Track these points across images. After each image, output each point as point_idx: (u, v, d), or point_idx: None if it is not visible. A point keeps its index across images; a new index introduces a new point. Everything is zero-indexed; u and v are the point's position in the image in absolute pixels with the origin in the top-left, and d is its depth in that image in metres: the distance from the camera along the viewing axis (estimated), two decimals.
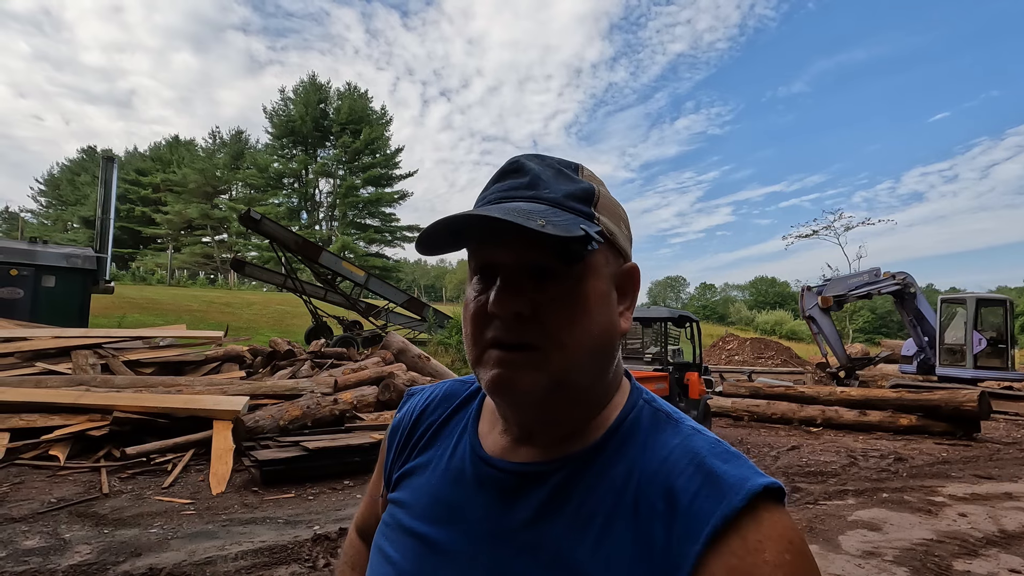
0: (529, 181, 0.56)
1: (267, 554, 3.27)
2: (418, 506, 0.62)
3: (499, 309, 0.52)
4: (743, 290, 75.24)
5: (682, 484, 0.51)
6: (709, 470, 0.51)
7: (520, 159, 0.58)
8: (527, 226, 0.47)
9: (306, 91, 46.27)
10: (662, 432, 0.57)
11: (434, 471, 0.64)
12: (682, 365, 7.77)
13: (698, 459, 0.52)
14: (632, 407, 0.60)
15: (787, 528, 0.48)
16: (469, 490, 0.60)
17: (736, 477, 0.50)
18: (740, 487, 0.49)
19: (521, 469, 0.58)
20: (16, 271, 9.21)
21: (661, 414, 0.60)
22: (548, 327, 0.52)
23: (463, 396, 0.71)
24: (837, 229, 31.63)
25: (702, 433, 0.56)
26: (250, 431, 5.30)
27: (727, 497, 0.48)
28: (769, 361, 20.36)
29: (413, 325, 15.85)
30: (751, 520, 0.47)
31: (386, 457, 0.73)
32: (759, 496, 0.48)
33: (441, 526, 0.59)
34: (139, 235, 48.60)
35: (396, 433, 0.73)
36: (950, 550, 3.68)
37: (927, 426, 8.27)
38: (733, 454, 0.53)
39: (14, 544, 3.25)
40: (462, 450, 0.64)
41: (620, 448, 0.56)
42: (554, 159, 0.60)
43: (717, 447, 0.54)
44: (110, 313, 14.92)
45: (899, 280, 13.11)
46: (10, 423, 5.07)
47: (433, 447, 0.67)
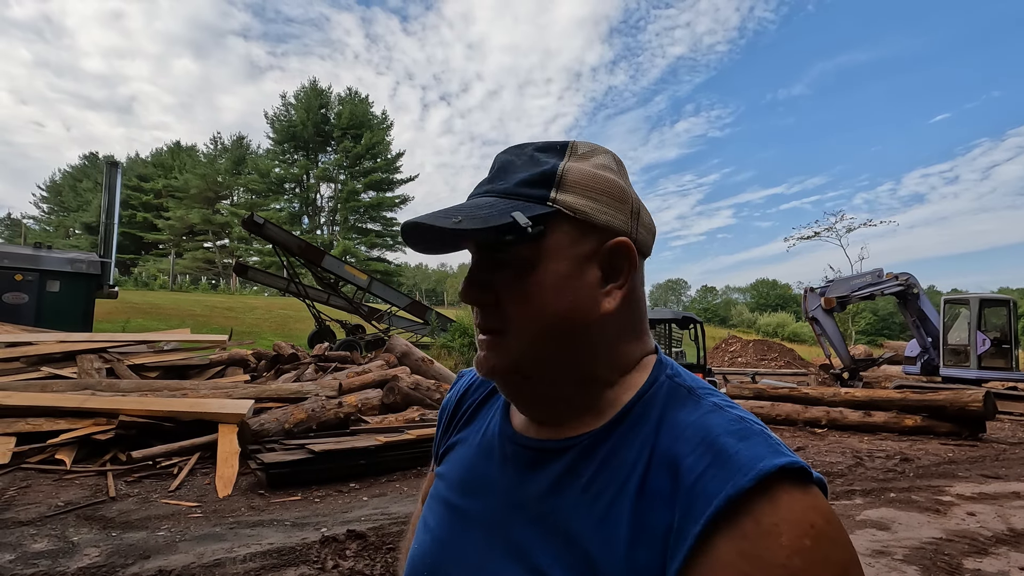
0: (492, 175, 0.60)
1: (275, 556, 3.27)
2: (455, 478, 0.66)
3: (461, 297, 0.59)
4: (745, 292, 75.18)
5: (689, 463, 0.48)
6: (720, 448, 0.48)
7: (499, 154, 0.61)
8: (441, 226, 0.52)
9: (307, 96, 46.46)
10: (680, 409, 0.55)
11: (470, 446, 0.69)
12: (686, 367, 7.76)
13: (710, 437, 0.49)
14: (652, 383, 0.59)
15: (810, 509, 0.44)
16: (496, 464, 0.63)
17: (747, 456, 0.46)
18: (751, 466, 0.45)
19: (540, 445, 0.60)
20: (21, 276, 9.24)
21: (682, 389, 0.57)
22: (506, 313, 0.56)
23: None
24: (839, 231, 31.60)
25: (723, 409, 0.53)
26: (255, 434, 5.30)
27: (734, 476, 0.45)
28: (772, 363, 20.33)
29: (416, 329, 15.85)
30: (766, 501, 0.44)
31: (436, 433, 0.78)
32: (774, 476, 0.44)
33: (470, 497, 0.63)
34: (141, 240, 48.74)
35: (445, 411, 0.78)
36: (960, 548, 3.67)
37: (932, 427, 8.24)
38: (753, 432, 0.49)
39: (23, 547, 3.26)
40: (493, 427, 0.67)
41: (635, 425, 0.56)
42: (537, 144, 0.60)
43: (736, 424, 0.50)
44: (114, 318, 14.95)
45: (902, 281, 13.10)
46: (16, 427, 5.08)
47: (472, 424, 0.72)
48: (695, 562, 0.44)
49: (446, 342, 14.74)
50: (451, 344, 14.51)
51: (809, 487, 0.46)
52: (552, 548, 0.52)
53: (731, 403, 0.55)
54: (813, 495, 0.45)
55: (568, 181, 0.56)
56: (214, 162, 51.41)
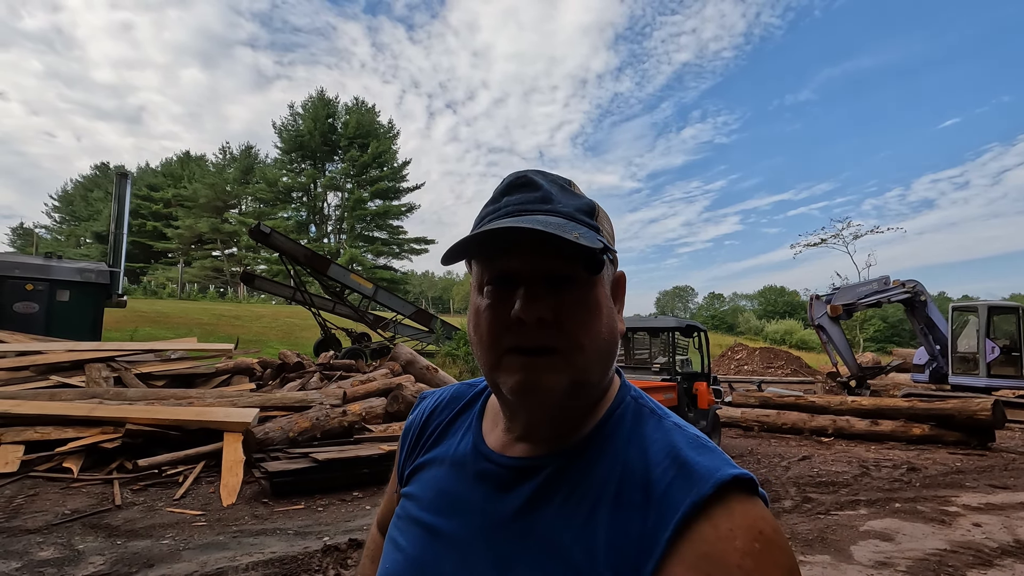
0: (542, 195, 0.60)
1: (277, 565, 3.29)
2: (425, 498, 0.67)
3: (527, 315, 0.55)
4: (752, 299, 74.81)
5: (658, 475, 0.54)
6: (683, 461, 0.54)
7: (527, 174, 0.63)
8: (566, 237, 0.52)
9: (314, 106, 46.94)
10: (645, 426, 0.61)
11: (440, 466, 0.69)
12: (690, 375, 7.73)
13: (674, 451, 0.56)
14: (620, 403, 0.64)
15: (758, 517, 0.50)
16: (469, 483, 0.64)
17: (706, 467, 0.53)
18: (710, 476, 0.51)
19: (516, 464, 0.62)
20: (32, 286, 9.37)
21: (645, 409, 0.63)
22: (567, 331, 0.56)
23: (469, 397, 0.77)
24: (846, 237, 31.54)
25: (682, 428, 0.60)
26: (260, 443, 5.34)
27: (697, 485, 0.51)
28: (779, 371, 20.18)
29: (421, 337, 15.88)
30: (722, 508, 0.50)
31: (399, 455, 0.79)
32: (729, 485, 0.51)
33: (444, 516, 0.63)
34: (150, 249, 49.23)
35: (409, 432, 0.78)
36: (964, 560, 3.63)
37: (940, 436, 8.15)
38: (709, 448, 0.56)
39: (29, 555, 3.30)
40: (465, 446, 0.68)
41: (607, 442, 0.60)
42: (552, 175, 0.65)
43: (694, 441, 0.57)
44: (122, 327, 15.10)
45: (909, 288, 13.00)
46: (25, 436, 5.14)
47: (441, 444, 0.72)
48: (665, 563, 0.49)
49: (451, 350, 14.76)
50: (456, 352, 14.53)
51: (756, 498, 0.52)
52: (536, 561, 0.55)
53: (687, 424, 0.61)
54: (759, 505, 0.52)
55: (600, 216, 0.63)
56: (222, 171, 51.97)
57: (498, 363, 0.58)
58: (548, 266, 0.57)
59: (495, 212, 0.60)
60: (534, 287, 0.57)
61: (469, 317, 0.64)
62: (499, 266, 0.58)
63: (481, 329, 0.59)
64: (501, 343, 0.57)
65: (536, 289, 0.56)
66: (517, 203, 0.60)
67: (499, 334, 0.57)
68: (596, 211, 0.63)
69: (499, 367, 0.58)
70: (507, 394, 0.58)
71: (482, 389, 0.76)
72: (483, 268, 0.60)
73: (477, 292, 0.62)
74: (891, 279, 13.31)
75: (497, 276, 0.58)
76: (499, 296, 0.58)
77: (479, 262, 0.61)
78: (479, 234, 0.55)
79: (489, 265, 0.59)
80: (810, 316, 13.95)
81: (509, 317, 0.56)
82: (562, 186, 0.63)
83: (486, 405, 0.73)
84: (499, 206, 0.61)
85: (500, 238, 0.55)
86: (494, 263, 0.59)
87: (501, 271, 0.58)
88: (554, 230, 0.53)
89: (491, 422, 0.70)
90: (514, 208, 0.59)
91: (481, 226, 0.59)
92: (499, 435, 0.66)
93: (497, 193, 0.63)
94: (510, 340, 0.57)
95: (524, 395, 0.57)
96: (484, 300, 0.60)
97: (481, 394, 0.76)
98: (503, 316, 0.57)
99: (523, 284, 0.57)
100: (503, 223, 0.56)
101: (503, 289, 0.58)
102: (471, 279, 0.65)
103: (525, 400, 0.58)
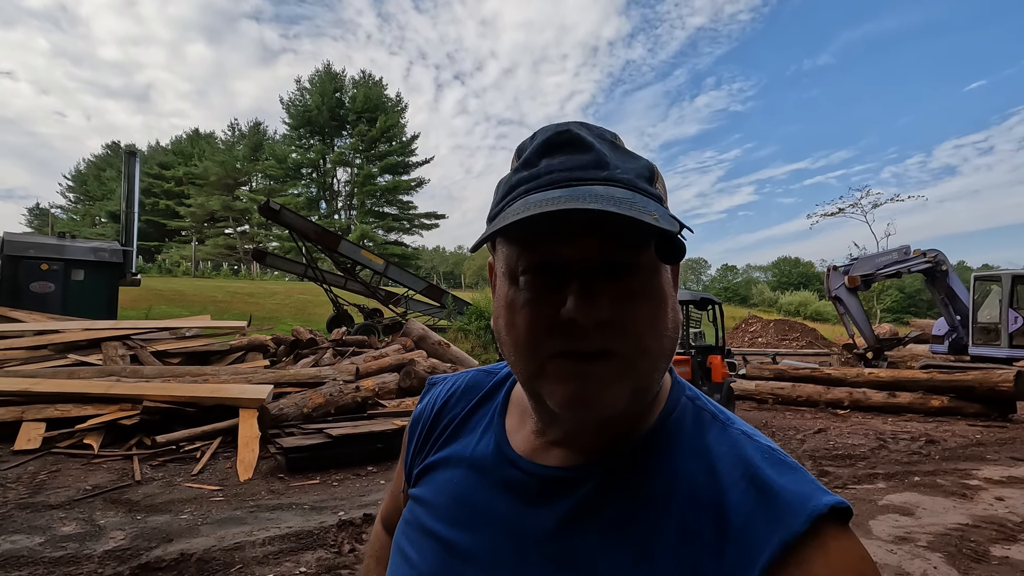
0: (595, 159, 0.47)
1: (293, 540, 3.32)
2: (439, 505, 0.58)
3: (585, 317, 0.44)
4: (766, 271, 74.06)
5: (734, 501, 0.45)
6: (763, 483, 0.45)
7: (571, 128, 0.49)
8: (645, 220, 0.40)
9: (321, 80, 46.46)
10: (707, 434, 0.51)
11: (456, 468, 0.60)
12: (704, 348, 7.66)
13: (750, 470, 0.46)
14: (675, 405, 0.54)
15: (858, 558, 0.42)
16: (492, 492, 0.55)
17: (796, 494, 0.44)
18: (801, 507, 0.43)
19: (549, 474, 0.52)
20: (47, 266, 9.48)
21: (706, 413, 0.54)
22: (630, 331, 0.46)
23: (488, 387, 0.66)
24: (864, 206, 30.78)
25: (752, 438, 0.50)
26: (275, 419, 5.39)
27: (786, 519, 0.42)
28: (794, 343, 20.03)
29: (433, 312, 15.91)
30: (816, 549, 0.41)
31: (406, 451, 0.69)
32: (824, 519, 0.42)
33: (462, 529, 0.54)
34: (164, 228, 49.68)
35: (417, 425, 0.68)
36: (987, 535, 3.57)
37: (959, 407, 8.04)
38: (788, 464, 0.47)
39: (52, 530, 3.36)
40: (485, 447, 0.59)
41: (662, 453, 0.50)
42: (597, 127, 0.51)
43: (770, 455, 0.48)
44: (138, 305, 15.31)
45: (930, 258, 12.70)
46: (45, 413, 5.23)
47: (456, 442, 0.63)
48: None
49: (463, 325, 14.77)
50: (468, 327, 14.54)
51: (851, 533, 0.44)
52: None
53: (755, 430, 0.52)
54: (856, 542, 0.44)
55: (659, 181, 0.51)
56: (232, 149, 51.92)
57: (541, 370, 0.47)
58: (608, 250, 0.45)
59: (533, 182, 0.47)
60: (591, 279, 0.45)
61: (497, 310, 0.51)
62: (544, 252, 0.46)
63: (518, 330, 0.48)
64: (545, 347, 0.46)
65: (593, 282, 0.45)
66: (563, 169, 0.47)
67: (543, 336, 0.46)
68: (656, 175, 0.50)
69: (543, 375, 0.47)
70: (555, 407, 0.47)
71: (504, 378, 0.66)
72: (519, 252, 0.47)
73: (508, 281, 0.49)
74: (912, 249, 13.02)
75: (541, 264, 0.46)
76: (543, 289, 0.47)
77: (514, 244, 0.48)
78: (530, 218, 0.42)
79: (529, 250, 0.47)
80: (827, 287, 13.73)
81: (557, 316, 0.45)
82: (612, 142, 0.50)
83: (509, 398, 0.63)
84: (537, 172, 0.48)
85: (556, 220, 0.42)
86: (536, 248, 0.46)
87: (546, 259, 0.46)
88: (627, 210, 0.41)
89: (516, 419, 0.59)
90: (560, 176, 0.46)
91: (516, 199, 0.47)
92: (527, 437, 0.57)
93: (532, 154, 0.49)
94: (558, 344, 0.46)
95: (577, 409, 0.46)
96: (521, 293, 0.48)
97: (502, 384, 0.65)
98: (549, 315, 0.46)
99: (576, 276, 0.45)
100: (559, 202, 0.42)
101: (548, 280, 0.46)
102: (497, 262, 0.52)
103: (577, 415, 0.47)
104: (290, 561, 3.06)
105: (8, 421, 5.07)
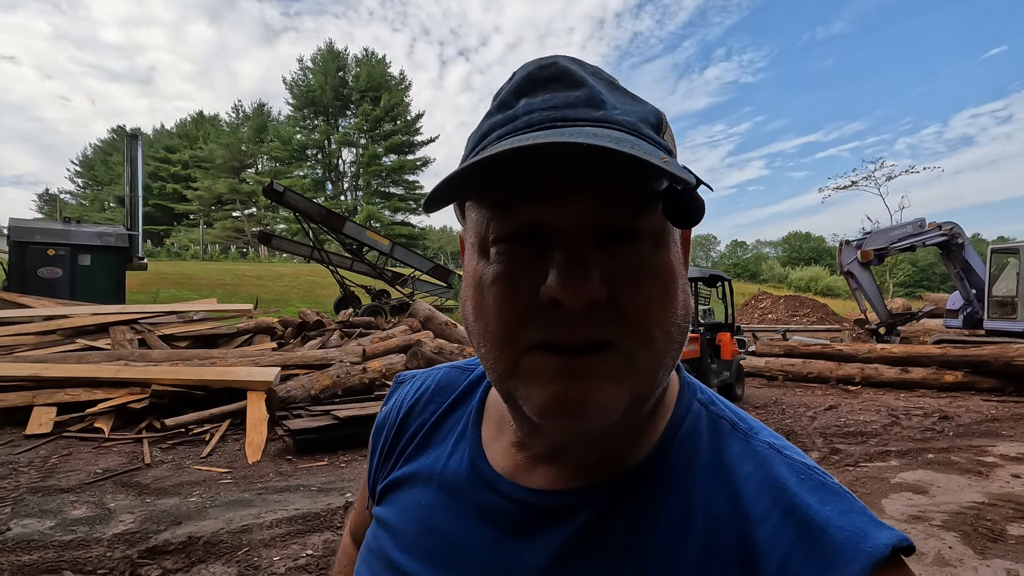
0: (587, 96, 0.37)
1: (301, 522, 3.33)
2: (405, 532, 0.48)
3: (572, 297, 0.34)
4: (776, 247, 73.30)
5: (766, 537, 0.36)
6: (803, 517, 0.36)
7: (558, 61, 0.39)
8: (653, 162, 0.31)
9: (324, 59, 45.96)
10: (728, 449, 0.42)
11: (425, 487, 0.50)
12: (713, 326, 7.57)
13: (785, 497, 0.38)
14: (685, 412, 0.44)
15: None
16: (467, 520, 0.45)
17: (845, 531, 0.35)
18: (855, 549, 0.34)
19: (535, 501, 0.43)
20: (54, 251, 9.51)
21: (724, 423, 0.44)
22: (630, 317, 0.36)
23: (461, 388, 0.56)
24: (878, 179, 30.16)
25: (784, 452, 0.41)
26: (282, 401, 5.39)
27: (836, 567, 0.34)
28: (804, 319, 19.86)
29: (439, 292, 15.90)
30: None
31: (370, 461, 0.59)
32: (884, 564, 0.34)
33: (431, 565, 0.45)
34: (171, 212, 49.86)
35: (381, 433, 0.58)
36: (1003, 513, 3.51)
37: (974, 383, 7.93)
38: (832, 488, 0.38)
39: (63, 514, 3.38)
40: (458, 463, 0.49)
41: (672, 474, 0.41)
42: (591, 64, 0.41)
43: (807, 475, 0.39)
44: (146, 289, 15.41)
45: (945, 231, 12.45)
46: (56, 397, 5.27)
47: (423, 455, 0.53)
48: None
49: None
50: None
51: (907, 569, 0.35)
52: None
53: (785, 442, 0.42)
54: None
55: (668, 133, 0.41)
56: (237, 131, 51.71)
57: (515, 366, 0.37)
58: (602, 214, 0.35)
59: (509, 126, 0.37)
60: (579, 249, 0.35)
61: (464, 291, 0.41)
62: (519, 217, 0.36)
63: (487, 312, 0.38)
64: (522, 336, 0.37)
65: (583, 253, 0.35)
66: (546, 108, 0.36)
67: (518, 322, 0.37)
68: (664, 124, 0.40)
69: (517, 372, 0.37)
70: (532, 415, 0.37)
71: (480, 376, 0.56)
72: (490, 217, 0.38)
73: (478, 254, 0.39)
74: (927, 221, 12.75)
75: (516, 231, 0.37)
76: (518, 261, 0.37)
77: (482, 208, 0.38)
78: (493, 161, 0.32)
79: (501, 213, 0.37)
80: (839, 262, 13.53)
81: (536, 296, 0.35)
82: (610, 82, 0.40)
83: (485, 402, 0.53)
84: (514, 114, 0.37)
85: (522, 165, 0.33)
86: (509, 212, 0.36)
87: (523, 223, 0.36)
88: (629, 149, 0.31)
89: (494, 427, 0.50)
90: (543, 117, 0.36)
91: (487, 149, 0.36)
92: (508, 449, 0.47)
93: (509, 94, 0.39)
94: (538, 332, 0.36)
95: (561, 419, 0.36)
96: (491, 267, 0.38)
97: (478, 383, 0.55)
98: (525, 294, 0.36)
99: (561, 244, 0.35)
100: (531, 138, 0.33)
101: (524, 250, 0.37)
102: (467, 233, 0.42)
103: (561, 425, 0.37)
104: (297, 543, 3.07)
105: (20, 406, 5.12)
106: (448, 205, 0.38)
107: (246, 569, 2.77)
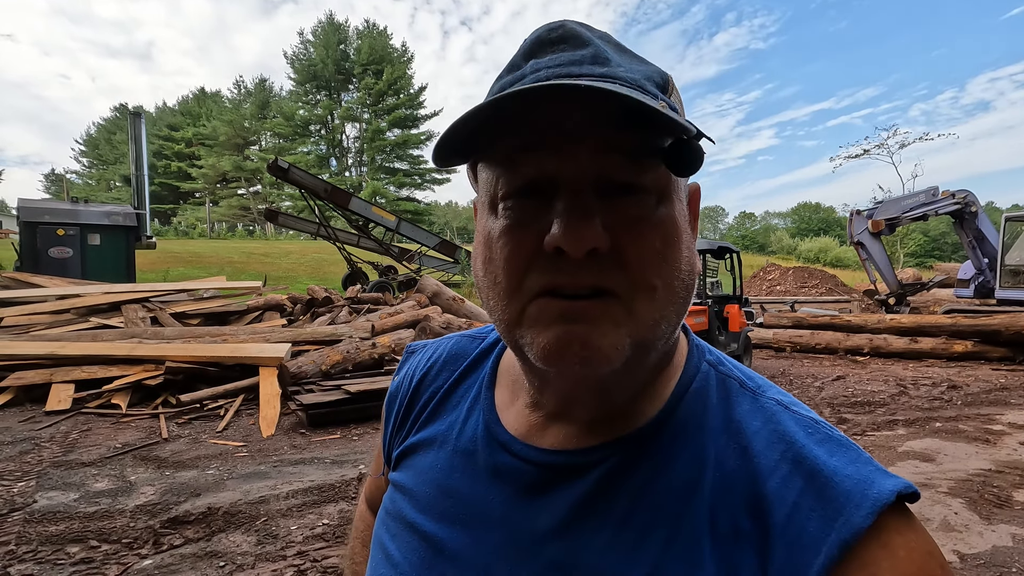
0: (592, 54, 0.39)
1: (315, 493, 3.41)
2: (422, 495, 0.50)
3: (573, 243, 0.35)
4: (785, 218, 72.51)
5: (775, 489, 0.37)
6: (811, 468, 0.37)
7: (566, 24, 0.41)
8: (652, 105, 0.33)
9: (325, 32, 45.19)
10: (737, 407, 0.43)
11: (440, 451, 0.52)
12: (721, 298, 7.56)
13: (793, 449, 0.39)
14: (694, 372, 0.46)
15: (926, 555, 0.35)
16: (481, 481, 0.47)
17: (852, 479, 0.36)
18: (861, 496, 0.35)
19: (548, 460, 0.45)
20: (63, 231, 9.57)
21: (733, 382, 0.45)
22: (632, 266, 0.37)
23: (473, 355, 0.57)
24: (891, 147, 29.55)
25: (791, 409, 0.42)
26: (294, 376, 5.47)
27: (844, 512, 0.35)
28: (813, 290, 19.76)
29: (446, 267, 15.92)
30: (880, 547, 0.34)
31: (384, 430, 0.61)
32: (889, 509, 0.35)
33: (448, 524, 0.47)
34: (178, 190, 49.87)
35: (395, 401, 0.60)
36: (1010, 480, 3.53)
37: (984, 352, 7.90)
38: (839, 440, 0.39)
39: (86, 487, 3.49)
40: (473, 427, 0.51)
41: (683, 431, 0.43)
42: (599, 29, 0.43)
43: (815, 428, 0.40)
44: (156, 267, 15.53)
45: (959, 199, 12.23)
46: (73, 375, 5.38)
47: (437, 420, 0.54)
48: None
49: None
50: None
51: (916, 522, 0.37)
52: None
53: (792, 398, 0.43)
54: (923, 533, 0.36)
55: (675, 94, 0.43)
56: (239, 107, 51.27)
57: (521, 314, 0.39)
58: (604, 165, 0.37)
59: (516, 84, 0.39)
60: (582, 197, 0.37)
61: (475, 249, 0.43)
62: (526, 171, 0.38)
63: (495, 264, 0.40)
64: (527, 285, 0.38)
65: (585, 200, 0.37)
66: (552, 66, 0.38)
67: (523, 271, 0.38)
68: (670, 85, 0.41)
69: (523, 320, 0.39)
70: (536, 360, 0.39)
71: (492, 344, 0.57)
72: (499, 174, 0.40)
73: (489, 211, 0.41)
74: (940, 190, 12.53)
75: (523, 186, 0.38)
76: (525, 214, 0.39)
77: (491, 166, 0.40)
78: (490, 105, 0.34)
79: (510, 169, 0.39)
80: (849, 233, 13.36)
81: (541, 247, 0.37)
82: (617, 44, 0.42)
83: (498, 367, 0.54)
84: (522, 73, 0.39)
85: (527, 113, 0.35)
86: (517, 167, 0.38)
87: (530, 178, 0.38)
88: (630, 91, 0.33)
89: (507, 392, 0.51)
90: (549, 74, 0.38)
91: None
92: (521, 412, 0.48)
93: (518, 56, 0.41)
94: (541, 279, 0.38)
95: (563, 361, 0.37)
96: (499, 222, 0.40)
97: (490, 351, 0.57)
98: (530, 244, 0.38)
99: (565, 193, 0.37)
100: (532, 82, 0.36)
101: (531, 203, 0.38)
102: (479, 195, 0.44)
103: (564, 368, 0.38)
104: (313, 513, 3.15)
105: (38, 383, 5.23)
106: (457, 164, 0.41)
107: (265, 538, 2.86)
